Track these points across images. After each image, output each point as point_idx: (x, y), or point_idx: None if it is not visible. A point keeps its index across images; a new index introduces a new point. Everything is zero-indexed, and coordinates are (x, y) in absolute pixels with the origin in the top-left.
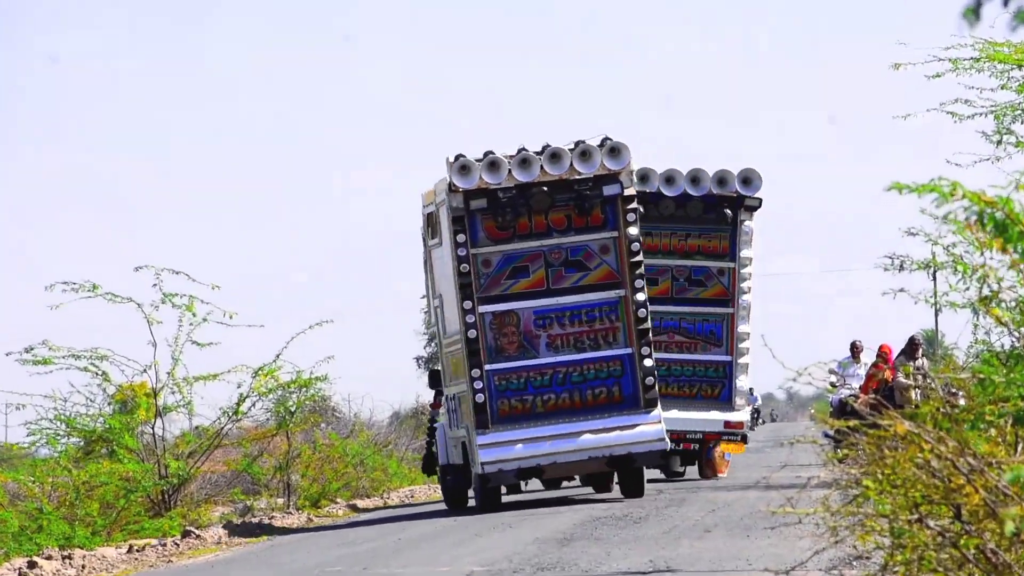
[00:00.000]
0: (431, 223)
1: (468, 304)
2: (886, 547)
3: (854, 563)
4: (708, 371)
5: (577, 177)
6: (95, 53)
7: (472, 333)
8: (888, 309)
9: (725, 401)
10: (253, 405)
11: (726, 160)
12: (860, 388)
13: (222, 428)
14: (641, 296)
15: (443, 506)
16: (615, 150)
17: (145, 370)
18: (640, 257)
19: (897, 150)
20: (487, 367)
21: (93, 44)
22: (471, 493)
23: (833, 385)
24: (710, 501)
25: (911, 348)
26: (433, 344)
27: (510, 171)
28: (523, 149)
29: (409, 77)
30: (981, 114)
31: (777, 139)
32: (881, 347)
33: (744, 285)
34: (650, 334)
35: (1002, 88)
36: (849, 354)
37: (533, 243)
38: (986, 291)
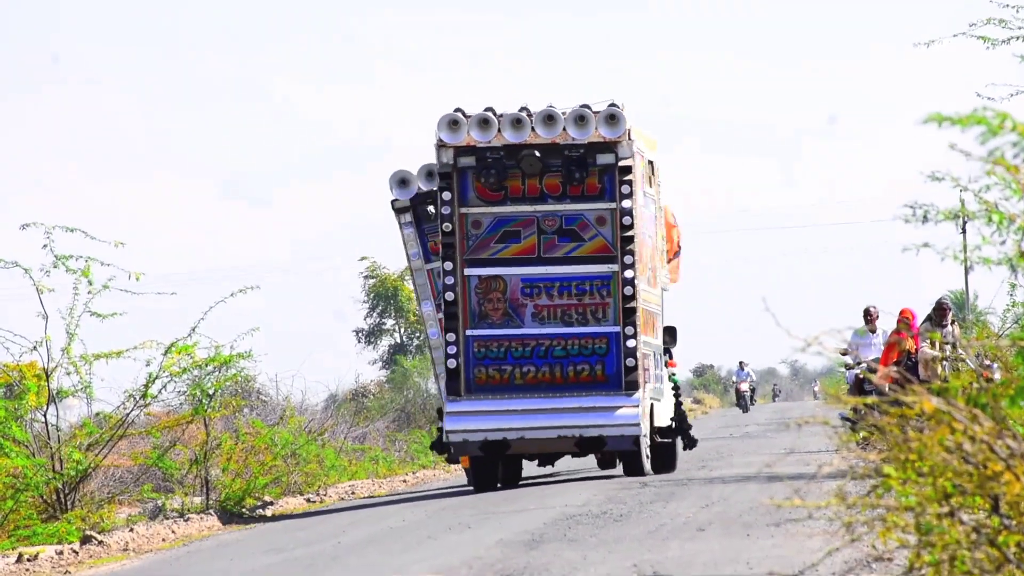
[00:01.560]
0: None
1: (449, 265)
2: (911, 545)
3: (873, 565)
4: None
5: (569, 142)
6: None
7: (450, 296)
8: (909, 266)
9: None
10: (164, 387)
11: None
12: (879, 360)
13: (127, 415)
14: (629, 273)
15: (387, 503)
16: (613, 117)
17: (35, 347)
18: (631, 232)
19: (918, 82)
20: (468, 332)
21: None
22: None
23: (847, 365)
24: (703, 495)
25: (939, 313)
26: (375, 315)
27: (500, 130)
28: (524, 108)
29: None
30: (1018, 38)
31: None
32: (902, 312)
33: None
34: (635, 314)
35: None
36: (864, 322)
37: (526, 207)
38: None
